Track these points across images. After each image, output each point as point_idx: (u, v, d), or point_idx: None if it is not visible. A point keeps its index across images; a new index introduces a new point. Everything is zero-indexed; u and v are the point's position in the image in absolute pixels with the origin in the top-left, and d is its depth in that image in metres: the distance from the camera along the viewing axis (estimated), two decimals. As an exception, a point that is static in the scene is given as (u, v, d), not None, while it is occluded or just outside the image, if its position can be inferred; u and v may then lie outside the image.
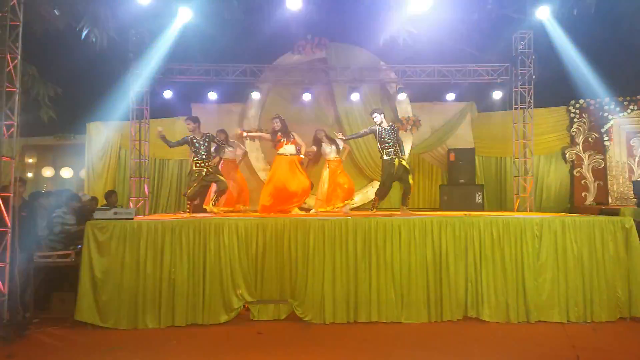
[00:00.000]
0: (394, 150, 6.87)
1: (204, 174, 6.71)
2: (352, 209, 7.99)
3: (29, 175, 12.18)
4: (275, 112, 7.69)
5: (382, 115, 7.07)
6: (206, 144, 6.72)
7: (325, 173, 7.99)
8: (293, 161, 7.24)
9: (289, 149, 7.21)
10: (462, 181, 9.54)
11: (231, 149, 8.16)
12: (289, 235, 5.47)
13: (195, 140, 6.69)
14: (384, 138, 6.89)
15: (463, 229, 5.53)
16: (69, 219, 6.29)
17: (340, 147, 8.03)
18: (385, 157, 6.90)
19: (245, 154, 8.58)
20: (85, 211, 6.80)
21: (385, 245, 5.46)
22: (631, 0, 8.32)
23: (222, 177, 6.89)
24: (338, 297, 5.38)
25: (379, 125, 6.97)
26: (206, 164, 6.73)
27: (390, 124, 7.11)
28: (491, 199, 10.50)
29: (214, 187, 7.12)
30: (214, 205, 7.09)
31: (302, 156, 7.45)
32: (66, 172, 12.12)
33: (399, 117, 10.46)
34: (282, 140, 7.18)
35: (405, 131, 10.31)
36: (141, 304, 5.26)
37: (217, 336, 4.99)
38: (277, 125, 7.22)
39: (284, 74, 10.12)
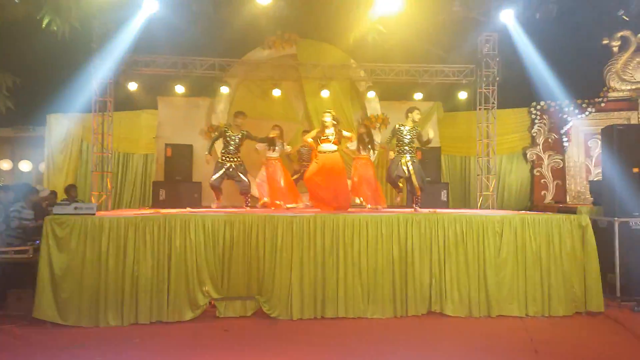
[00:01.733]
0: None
1: (226, 167, 6.92)
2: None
3: (-15, 168, 11.68)
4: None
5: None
6: (238, 141, 6.98)
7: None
8: (327, 159, 6.68)
9: (325, 147, 6.73)
10: (428, 179, 9.68)
11: (278, 147, 7.93)
12: (256, 231, 5.43)
13: (228, 134, 7.00)
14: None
15: (428, 226, 5.62)
16: (27, 213, 6.08)
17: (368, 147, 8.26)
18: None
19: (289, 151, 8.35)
20: (43, 206, 6.59)
21: (352, 241, 5.49)
22: (590, 7, 8.66)
23: (244, 178, 7.01)
24: (305, 293, 5.38)
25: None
26: (232, 159, 6.97)
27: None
28: (456, 196, 10.72)
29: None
30: (246, 206, 7.15)
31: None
32: (25, 165, 11.68)
33: (368, 114, 10.54)
34: (323, 138, 6.74)
35: (374, 129, 10.40)
36: (103, 301, 5.11)
37: (183, 334, 4.92)
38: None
39: (253, 68, 10.05)
